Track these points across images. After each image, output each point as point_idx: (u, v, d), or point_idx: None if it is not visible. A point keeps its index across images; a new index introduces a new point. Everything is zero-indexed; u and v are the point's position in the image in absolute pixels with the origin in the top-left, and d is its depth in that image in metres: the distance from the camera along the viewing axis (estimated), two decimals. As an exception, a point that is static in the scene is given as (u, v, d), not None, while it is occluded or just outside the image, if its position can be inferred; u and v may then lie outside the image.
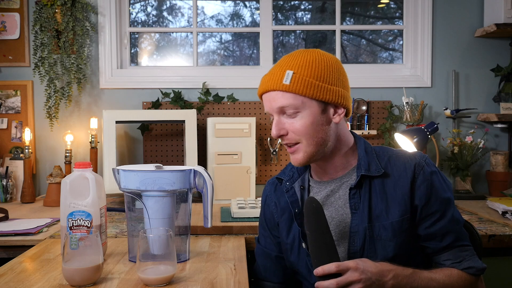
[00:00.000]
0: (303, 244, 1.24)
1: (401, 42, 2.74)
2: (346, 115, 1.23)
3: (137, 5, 2.74)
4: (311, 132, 1.17)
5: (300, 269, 1.28)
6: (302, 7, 2.82)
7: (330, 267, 1.04)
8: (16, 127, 2.51)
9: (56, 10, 2.42)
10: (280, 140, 1.22)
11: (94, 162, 2.39)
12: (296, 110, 1.17)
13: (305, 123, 1.17)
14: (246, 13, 2.77)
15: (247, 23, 2.76)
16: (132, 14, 2.72)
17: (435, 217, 1.18)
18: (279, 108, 1.18)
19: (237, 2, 2.74)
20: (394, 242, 1.17)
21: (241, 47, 2.80)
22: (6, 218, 1.84)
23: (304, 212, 1.13)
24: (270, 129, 2.52)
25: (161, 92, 2.54)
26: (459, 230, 1.21)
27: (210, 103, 2.55)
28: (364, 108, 2.53)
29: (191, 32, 2.69)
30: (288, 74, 1.16)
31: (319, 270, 1.05)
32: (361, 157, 1.23)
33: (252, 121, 2.25)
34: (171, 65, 2.72)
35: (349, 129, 1.38)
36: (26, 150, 2.30)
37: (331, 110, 1.19)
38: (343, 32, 2.74)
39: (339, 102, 1.19)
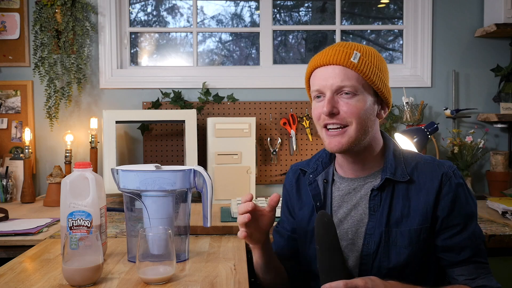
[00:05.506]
0: None
1: (401, 42, 2.74)
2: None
3: (137, 5, 2.74)
4: (363, 117, 1.14)
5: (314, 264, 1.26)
6: (303, 8, 2.82)
7: (338, 284, 1.01)
8: (16, 127, 2.51)
9: (56, 10, 2.42)
10: (322, 121, 1.17)
11: (94, 162, 2.39)
12: (355, 92, 1.14)
13: (361, 106, 1.14)
14: (246, 13, 2.77)
15: (247, 23, 2.77)
16: (132, 14, 2.72)
17: (456, 229, 1.16)
18: (339, 86, 1.13)
19: (237, 2, 2.74)
20: (409, 249, 1.15)
21: (241, 47, 2.80)
22: (6, 218, 1.84)
23: (315, 225, 1.10)
24: (270, 129, 2.54)
25: (161, 92, 2.54)
26: (478, 246, 1.17)
27: (210, 103, 2.55)
28: (364, 108, 2.53)
29: (191, 32, 2.69)
30: (356, 54, 1.14)
31: (326, 287, 1.02)
32: (388, 160, 1.20)
33: (252, 121, 2.25)
34: (171, 65, 2.72)
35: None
36: (26, 150, 2.30)
37: (379, 106, 1.20)
38: (343, 32, 2.74)
39: (389, 100, 1.20)
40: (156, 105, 2.51)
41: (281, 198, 1.39)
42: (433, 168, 1.18)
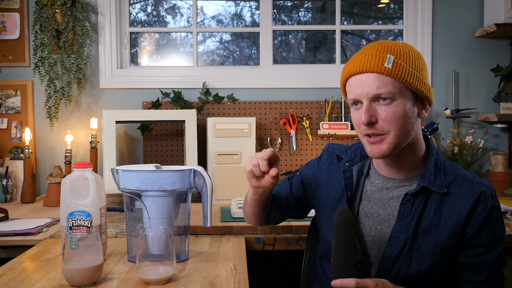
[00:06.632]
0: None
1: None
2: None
3: (137, 5, 2.74)
4: (402, 123, 1.11)
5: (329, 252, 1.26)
6: (302, 9, 2.82)
7: (349, 282, 1.01)
8: (16, 127, 2.51)
9: (56, 10, 2.42)
10: (361, 130, 1.15)
11: (94, 162, 2.39)
12: (392, 97, 1.09)
13: (399, 112, 1.10)
14: (246, 13, 2.77)
15: (247, 23, 2.77)
16: (132, 14, 2.72)
17: (480, 250, 1.14)
18: (375, 94, 1.09)
19: (237, 2, 2.74)
20: (432, 260, 1.14)
21: (241, 47, 2.80)
22: (6, 218, 1.84)
23: (334, 220, 1.09)
24: (270, 129, 2.54)
25: (161, 92, 2.54)
26: (497, 270, 1.16)
27: (210, 103, 2.55)
28: (364, 108, 2.53)
29: (191, 32, 2.69)
30: (390, 58, 1.09)
31: (337, 282, 1.02)
32: (428, 168, 1.18)
33: (252, 121, 2.25)
34: (171, 65, 2.72)
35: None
36: (26, 150, 2.30)
37: (420, 105, 1.16)
38: (343, 32, 2.74)
39: (430, 97, 1.16)
40: (156, 105, 2.51)
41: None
42: (472, 185, 1.16)
